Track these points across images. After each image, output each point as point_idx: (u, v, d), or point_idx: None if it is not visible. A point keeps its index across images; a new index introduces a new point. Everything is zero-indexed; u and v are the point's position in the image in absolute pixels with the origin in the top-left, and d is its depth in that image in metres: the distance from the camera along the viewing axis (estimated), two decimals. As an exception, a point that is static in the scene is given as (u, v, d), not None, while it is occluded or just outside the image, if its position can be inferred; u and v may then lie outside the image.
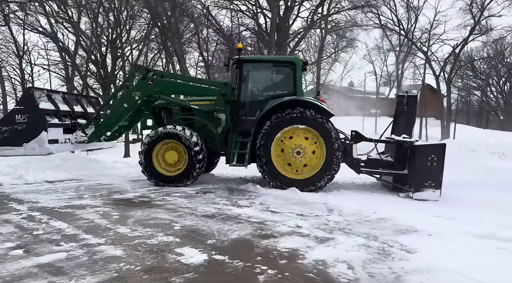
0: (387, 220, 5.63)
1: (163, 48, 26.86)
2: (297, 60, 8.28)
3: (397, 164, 7.89)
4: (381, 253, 4.16)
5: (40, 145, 8.38)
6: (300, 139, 7.85)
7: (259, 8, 24.03)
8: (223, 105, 8.40)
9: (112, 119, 8.96)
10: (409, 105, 8.32)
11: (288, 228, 5.02)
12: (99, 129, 9.03)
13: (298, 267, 3.69)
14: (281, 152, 7.92)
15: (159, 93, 8.59)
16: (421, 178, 7.31)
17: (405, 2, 30.37)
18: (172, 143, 8.08)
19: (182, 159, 8.10)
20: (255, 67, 8.61)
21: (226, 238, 4.49)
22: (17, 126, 8.44)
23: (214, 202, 6.57)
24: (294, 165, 7.91)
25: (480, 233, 4.86)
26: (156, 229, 4.79)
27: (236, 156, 7.99)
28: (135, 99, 8.66)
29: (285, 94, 8.25)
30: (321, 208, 6.33)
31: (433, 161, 7.26)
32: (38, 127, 8.35)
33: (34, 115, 8.42)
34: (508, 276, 3.49)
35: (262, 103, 8.25)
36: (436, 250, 4.19)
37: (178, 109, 8.73)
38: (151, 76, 8.72)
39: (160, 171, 8.12)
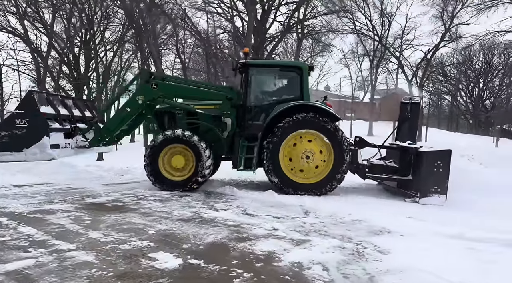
0: (361, 221, 5.72)
1: (138, 49, 26.45)
2: (304, 65, 8.33)
3: (402, 170, 7.96)
4: (355, 254, 4.22)
5: (41, 151, 8.02)
6: (309, 143, 7.86)
7: (236, 11, 24.05)
8: (229, 109, 8.29)
9: (115, 123, 8.73)
10: (412, 112, 8.47)
11: (265, 231, 5.02)
12: (100, 133, 8.77)
13: (274, 269, 3.68)
14: (289, 156, 7.90)
15: (163, 97, 8.41)
16: (428, 184, 7.45)
17: (379, 8, 31.11)
18: (179, 148, 7.94)
19: (188, 164, 7.97)
20: (262, 71, 8.62)
21: (202, 242, 4.44)
22: (17, 130, 8.06)
23: (190, 206, 6.49)
24: (303, 169, 7.88)
25: (450, 233, 5.01)
26: (130, 233, 4.69)
27: (243, 160, 7.96)
28: (139, 103, 8.46)
29: (291, 98, 8.24)
30: (297, 211, 6.36)
31: (439, 167, 7.40)
32: (39, 131, 8.00)
33: (35, 119, 8.05)
34: (477, 276, 3.59)
35: (269, 108, 8.24)
36: (409, 251, 4.28)
37: (182, 113, 8.56)
38: (154, 80, 8.53)
39: (166, 175, 7.97)
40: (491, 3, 20.63)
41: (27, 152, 8.03)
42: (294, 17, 25.66)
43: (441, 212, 6.75)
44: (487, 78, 46.73)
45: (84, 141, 8.89)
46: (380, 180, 8.31)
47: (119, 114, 8.71)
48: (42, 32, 24.63)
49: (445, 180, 7.36)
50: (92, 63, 25.28)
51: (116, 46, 27.13)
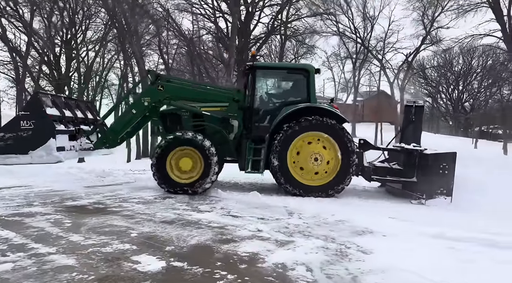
0: (344, 222, 5.77)
1: (121, 49, 26.14)
2: (311, 67, 8.35)
3: (406, 172, 8.05)
4: (339, 254, 4.25)
5: (48, 153, 7.90)
6: (316, 145, 7.90)
7: (220, 12, 24.03)
8: (236, 111, 8.25)
9: (120, 125, 8.59)
10: (416, 115, 8.61)
11: (249, 232, 5.01)
12: (105, 135, 8.60)
13: (258, 271, 3.68)
14: (297, 158, 7.92)
15: (169, 99, 8.30)
16: (433, 186, 7.57)
17: (362, 11, 31.52)
18: (187, 150, 7.86)
19: (196, 166, 7.87)
20: (269, 74, 8.65)
21: (186, 244, 4.40)
22: (22, 133, 7.93)
23: (174, 208, 6.44)
24: (311, 171, 7.90)
25: (431, 233, 5.10)
26: (112, 236, 4.62)
27: (251, 163, 7.97)
28: (145, 105, 8.33)
29: (298, 100, 8.27)
30: (281, 212, 6.38)
31: (444, 169, 7.55)
32: (46, 134, 7.86)
33: (41, 121, 7.90)
34: (457, 275, 3.66)
35: (276, 110, 8.26)
36: (391, 251, 4.34)
37: (188, 115, 8.47)
38: (161, 82, 8.42)
39: (173, 178, 7.86)
40: (469, 7, 21.14)
41: (33, 154, 7.92)
42: (278, 19, 25.79)
43: (422, 212, 6.89)
44: (467, 81, 47.86)
45: (88, 143, 8.72)
46: (385, 182, 8.37)
47: (125, 116, 8.59)
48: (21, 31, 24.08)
49: (451, 182, 7.52)
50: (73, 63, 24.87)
51: (98, 46, 26.75)
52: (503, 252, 4.49)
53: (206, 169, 7.75)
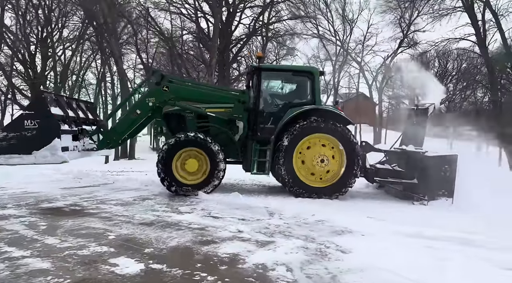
0: (324, 222, 5.83)
1: (99, 48, 25.68)
2: (315, 70, 8.44)
3: (407, 174, 8.11)
4: (318, 254, 4.28)
5: (52, 153, 7.64)
6: (322, 147, 7.94)
7: (201, 13, 23.90)
8: (241, 112, 8.24)
9: (124, 126, 8.51)
10: (418, 118, 8.71)
11: (230, 233, 4.99)
12: (109, 136, 8.50)
13: (238, 272, 3.67)
14: (302, 160, 7.94)
15: (174, 99, 8.20)
16: (435, 187, 7.70)
17: (341, 14, 31.93)
18: (192, 151, 7.82)
19: (202, 168, 7.86)
20: (274, 76, 8.67)
21: (165, 246, 4.35)
22: (26, 132, 7.66)
23: (153, 209, 6.35)
24: (317, 173, 7.92)
25: (409, 232, 5.21)
26: (89, 239, 4.52)
27: (256, 164, 7.98)
28: (149, 106, 8.25)
29: (303, 102, 8.33)
30: (262, 212, 6.38)
31: (446, 171, 7.68)
32: (50, 133, 7.67)
33: (46, 121, 7.70)
34: (433, 273, 3.73)
35: (281, 111, 8.28)
36: (369, 250, 4.40)
37: (192, 116, 8.39)
38: (166, 82, 8.34)
39: (179, 179, 7.80)
40: (445, 11, 21.71)
41: (37, 154, 7.69)
42: (259, 21, 25.86)
43: (400, 212, 7.02)
44: (442, 83, 49.02)
45: (92, 144, 8.59)
46: (386, 183, 8.43)
47: (129, 117, 8.50)
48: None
49: (452, 184, 7.67)
50: (49, 61, 24.27)
51: (75, 44, 26.16)
52: (478, 250, 4.61)
53: (212, 170, 7.74)
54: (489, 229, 5.76)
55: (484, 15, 20.03)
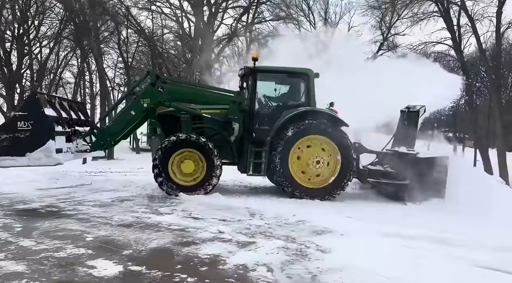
0: (305, 222, 5.88)
1: (78, 46, 25.18)
2: (311, 72, 8.41)
3: (399, 175, 8.14)
4: (299, 254, 4.32)
5: (46, 155, 7.53)
6: (316, 149, 7.97)
7: (183, 12, 23.73)
8: (237, 114, 8.21)
9: (118, 127, 8.42)
10: (409, 120, 8.78)
11: (210, 234, 4.98)
12: (103, 137, 8.36)
13: (219, 273, 3.67)
14: (298, 162, 7.95)
15: (169, 100, 8.12)
16: (427, 188, 7.75)
17: (323, 17, 32.28)
18: (188, 152, 7.79)
19: (198, 168, 7.82)
20: (269, 77, 8.64)
21: (144, 248, 4.30)
22: (19, 134, 7.55)
23: (132, 210, 6.27)
24: (312, 174, 7.97)
25: (386, 232, 5.32)
26: (66, 241, 4.43)
27: (252, 165, 8.01)
28: (144, 107, 8.17)
29: (298, 104, 8.36)
30: (243, 213, 6.39)
31: (438, 172, 7.81)
32: (44, 135, 7.55)
33: (40, 122, 7.58)
34: (410, 272, 3.82)
35: (276, 113, 8.31)
36: (348, 249, 4.46)
37: (187, 117, 8.32)
38: (161, 83, 8.29)
39: (176, 180, 7.76)
40: (424, 15, 22.20)
41: (30, 156, 7.58)
42: (241, 21, 25.86)
43: (379, 212, 7.15)
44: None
45: (85, 145, 8.46)
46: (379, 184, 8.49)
47: (123, 118, 8.42)
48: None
49: (444, 184, 7.80)
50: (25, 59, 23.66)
51: (53, 42, 25.56)
52: (453, 249, 4.75)
53: (209, 171, 7.74)
54: (464, 228, 5.92)
55: (459, 20, 20.60)
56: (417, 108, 8.75)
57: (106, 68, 29.57)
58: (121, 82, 32.31)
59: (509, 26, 19.52)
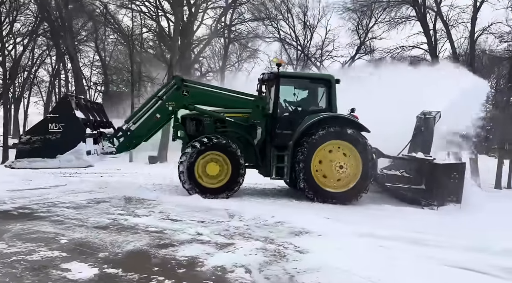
0: (283, 223, 5.91)
1: (53, 44, 24.56)
2: (332, 78, 8.60)
3: (415, 180, 8.29)
4: (277, 255, 4.35)
5: (77, 157, 7.67)
6: (338, 154, 8.10)
7: (162, 11, 23.46)
8: (260, 118, 8.36)
9: (144, 129, 8.53)
10: (426, 125, 8.94)
11: (188, 236, 4.95)
12: (129, 139, 8.45)
13: (196, 274, 3.65)
14: (320, 166, 8.07)
15: (193, 104, 8.30)
16: (444, 193, 7.94)
17: (302, 20, 32.54)
18: (211, 155, 7.90)
19: (223, 171, 7.94)
20: (292, 83, 8.79)
21: (121, 250, 4.24)
22: (51, 136, 7.65)
23: (108, 212, 6.16)
24: (333, 178, 8.07)
25: (362, 232, 5.41)
26: (39, 243, 4.32)
27: (275, 169, 8.15)
28: (169, 110, 8.34)
29: (320, 109, 8.56)
30: (222, 214, 6.37)
31: (455, 178, 7.97)
32: (75, 137, 7.68)
33: (71, 125, 7.70)
34: (384, 271, 3.90)
35: (298, 118, 8.42)
36: (325, 250, 4.53)
37: (210, 120, 8.47)
38: (186, 87, 8.46)
39: (202, 183, 7.87)
40: (400, 20, 22.66)
41: (61, 158, 7.68)
42: (221, 22, 25.79)
43: (355, 213, 7.26)
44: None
45: (111, 147, 8.44)
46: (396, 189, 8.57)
47: (148, 121, 8.51)
48: None
49: (460, 190, 7.98)
50: (-3, 56, 22.85)
51: (27, 39, 24.83)
52: (426, 249, 4.88)
53: (235, 173, 7.88)
54: (438, 229, 6.08)
55: (436, 25, 21.14)
56: (432, 114, 8.93)
57: (83, 66, 28.96)
58: (98, 81, 31.68)
59: (482, 32, 20.12)
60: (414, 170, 8.51)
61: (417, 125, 9.21)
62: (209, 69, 30.55)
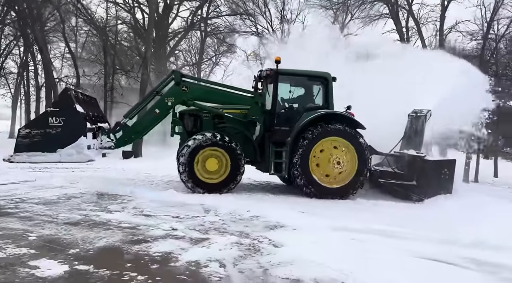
0: (259, 217, 5.94)
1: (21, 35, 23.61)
2: (329, 75, 8.67)
3: (407, 176, 8.43)
4: (252, 249, 4.36)
5: (78, 152, 7.66)
6: (335, 150, 8.24)
7: (136, 3, 22.95)
8: (258, 114, 8.46)
9: (143, 125, 8.62)
10: (417, 124, 9.06)
11: (163, 231, 4.90)
12: (127, 134, 8.49)
13: (170, 270, 3.62)
14: (317, 162, 8.17)
15: (193, 99, 8.34)
16: (435, 188, 8.20)
17: (280, 14, 32.58)
18: (210, 151, 7.94)
19: (222, 166, 8.00)
20: (290, 80, 8.82)
21: (92, 247, 4.15)
22: (51, 129, 7.63)
23: (80, 208, 6.01)
24: (331, 174, 8.22)
25: (336, 226, 5.50)
26: (6, 240, 4.17)
27: (274, 165, 8.24)
28: (168, 105, 8.39)
29: (317, 106, 8.69)
30: (198, 210, 6.33)
31: (445, 174, 8.33)
32: (76, 131, 7.66)
33: (72, 119, 7.63)
34: (357, 263, 3.99)
35: (296, 114, 8.56)
36: (299, 243, 4.59)
37: (209, 116, 8.57)
38: (186, 82, 8.51)
39: (201, 178, 7.91)
40: (375, 17, 23.07)
41: (61, 152, 7.64)
42: (197, 15, 25.48)
43: (330, 207, 7.36)
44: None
45: (110, 142, 8.44)
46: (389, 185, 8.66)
47: (148, 116, 8.61)
48: None
49: (451, 185, 8.40)
50: (-39, 46, 21.82)
51: (-8, 29, 23.76)
52: (400, 241, 5.00)
53: (233, 169, 7.94)
54: (412, 222, 6.22)
55: (408, 23, 21.63)
56: (424, 112, 9.17)
57: (53, 58, 27.99)
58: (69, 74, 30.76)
59: (450, 30, 20.75)
60: (406, 166, 8.73)
61: (408, 123, 9.45)
62: (185, 62, 30.14)
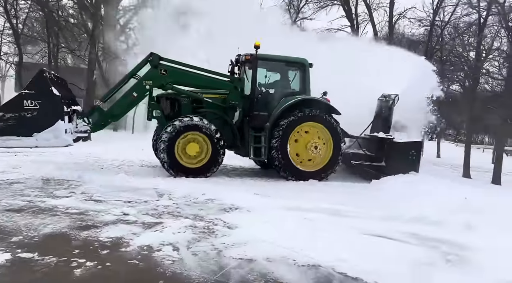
0: (214, 200, 5.94)
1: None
2: (306, 61, 8.81)
3: (376, 157, 8.84)
4: (206, 231, 4.37)
5: (56, 136, 7.31)
6: (314, 135, 8.53)
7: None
8: (238, 99, 8.47)
9: (120, 108, 8.39)
10: (386, 108, 9.43)
11: (113, 216, 4.76)
12: (104, 118, 8.22)
13: (121, 255, 3.54)
14: (295, 146, 8.43)
15: (171, 83, 8.20)
16: (403, 169, 8.54)
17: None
18: (191, 135, 7.88)
19: (202, 151, 7.98)
20: (268, 65, 8.82)
21: (37, 234, 3.95)
22: (26, 113, 7.25)
23: (23, 194, 5.68)
24: (307, 158, 8.52)
25: (289, 206, 5.66)
26: None
27: (253, 149, 8.32)
28: (146, 88, 8.21)
29: (294, 92, 8.84)
30: (151, 194, 6.21)
31: (412, 155, 8.76)
32: (53, 115, 7.30)
33: (49, 102, 7.26)
34: (308, 242, 4.12)
35: (274, 100, 8.67)
36: (253, 224, 4.66)
37: (188, 100, 8.46)
38: (164, 65, 8.31)
39: (182, 163, 7.88)
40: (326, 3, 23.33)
41: (38, 137, 7.32)
42: (150, -9, 24.46)
43: (284, 189, 7.53)
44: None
45: (85, 126, 8.18)
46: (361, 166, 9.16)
47: (125, 99, 8.33)
48: None
49: (417, 165, 8.83)
50: None
51: None
52: (347, 219, 5.25)
53: (214, 153, 7.94)
54: (358, 201, 6.52)
55: (357, 9, 22.10)
56: (392, 96, 9.54)
57: (-10, 34, 25.79)
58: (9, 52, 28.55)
59: (399, 17, 21.48)
60: (375, 149, 9.17)
61: (378, 107, 9.84)
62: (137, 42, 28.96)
